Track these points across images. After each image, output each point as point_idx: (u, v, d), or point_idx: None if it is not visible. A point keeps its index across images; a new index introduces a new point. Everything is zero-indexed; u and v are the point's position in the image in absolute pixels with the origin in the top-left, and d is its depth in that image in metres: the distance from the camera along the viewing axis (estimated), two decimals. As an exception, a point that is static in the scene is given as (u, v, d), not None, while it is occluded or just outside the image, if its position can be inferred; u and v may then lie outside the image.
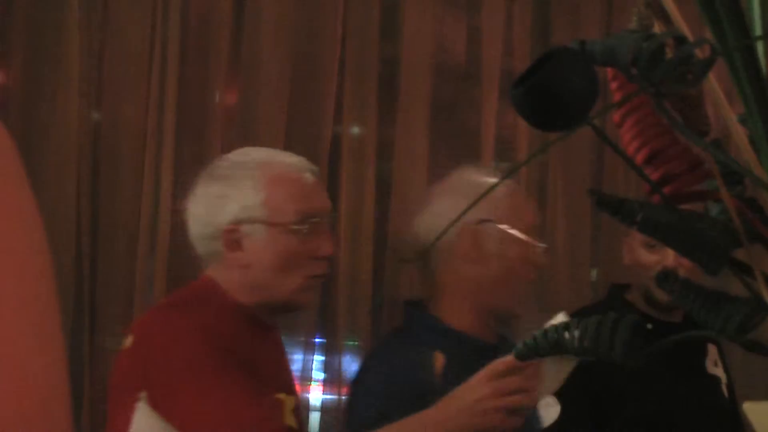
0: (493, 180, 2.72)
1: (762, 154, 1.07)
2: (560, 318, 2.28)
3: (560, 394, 2.71)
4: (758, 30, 1.01)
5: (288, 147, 3.83)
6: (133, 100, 3.71)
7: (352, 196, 3.93)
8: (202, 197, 2.50)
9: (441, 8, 4.15)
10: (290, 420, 2.44)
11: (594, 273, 4.33)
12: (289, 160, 2.54)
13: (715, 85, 1.07)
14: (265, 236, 2.44)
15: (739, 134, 1.08)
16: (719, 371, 3.29)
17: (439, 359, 2.58)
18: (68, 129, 3.62)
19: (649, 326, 3.10)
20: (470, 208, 1.20)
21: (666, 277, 1.16)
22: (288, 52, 3.91)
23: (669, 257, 3.02)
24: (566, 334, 1.18)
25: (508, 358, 2.25)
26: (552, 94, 0.99)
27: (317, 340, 3.95)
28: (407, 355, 2.65)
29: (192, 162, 3.77)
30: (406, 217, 4.00)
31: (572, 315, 2.74)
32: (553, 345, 1.17)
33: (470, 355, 2.56)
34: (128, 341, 2.39)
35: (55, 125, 3.62)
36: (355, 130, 4.02)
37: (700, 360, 3.27)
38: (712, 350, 3.31)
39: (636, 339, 1.15)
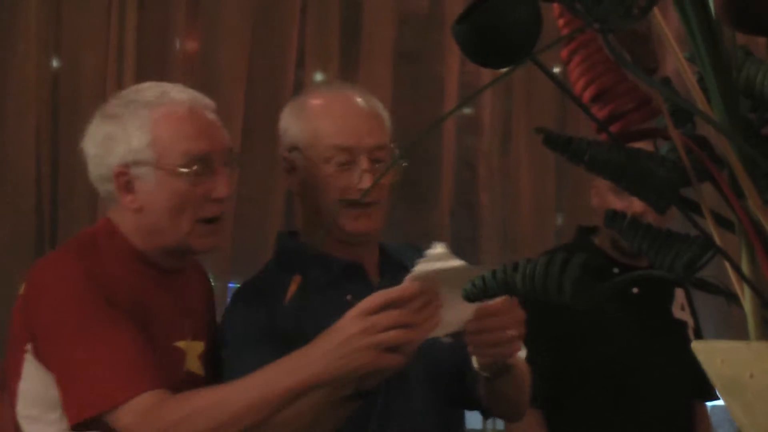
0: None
1: (710, 91, 1.06)
2: (439, 248, 2.18)
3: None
4: (704, -36, 1.00)
5: (249, 94, 3.81)
6: (93, 47, 3.68)
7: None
8: (94, 136, 2.39)
9: (404, -47, 4.12)
10: (194, 366, 2.40)
11: (559, 218, 4.33)
12: (181, 96, 2.40)
13: (662, 21, 1.06)
14: (153, 179, 2.33)
15: (687, 72, 1.06)
16: (686, 315, 3.29)
17: (295, 281, 2.49)
18: (27, 76, 3.59)
19: (616, 270, 3.12)
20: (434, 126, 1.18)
21: (614, 216, 1.15)
22: (249, -2, 3.88)
23: (636, 202, 2.97)
24: (516, 275, 1.16)
25: (386, 292, 2.14)
26: (494, 30, 0.97)
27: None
28: (267, 279, 2.57)
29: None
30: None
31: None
32: (501, 285, 1.16)
33: (336, 275, 2.50)
34: (21, 289, 2.34)
35: (13, 72, 3.58)
36: (318, 76, 3.99)
37: (666, 305, 3.28)
38: (679, 294, 3.32)
39: (586, 279, 1.14)
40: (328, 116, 2.52)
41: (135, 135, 2.33)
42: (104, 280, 2.28)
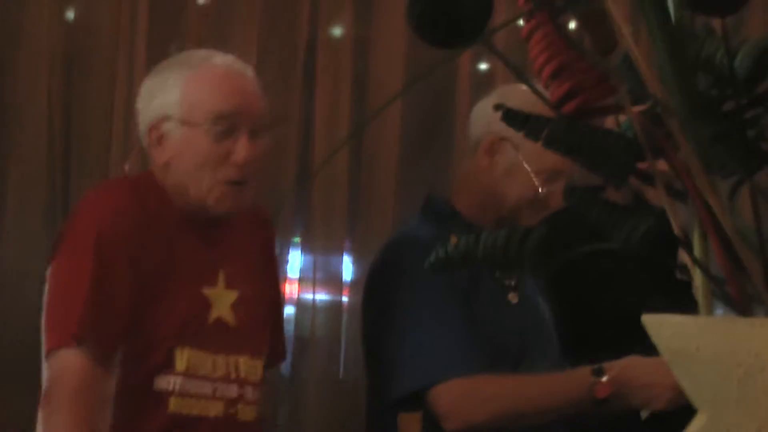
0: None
1: (662, 69, 1.08)
2: None
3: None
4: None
5: (263, 46, 3.81)
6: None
7: (328, 95, 3.90)
8: (142, 92, 2.54)
9: None
10: (225, 314, 2.48)
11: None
12: (222, 60, 2.51)
13: (611, 2, 1.08)
14: (179, 135, 2.43)
15: (636, 52, 1.08)
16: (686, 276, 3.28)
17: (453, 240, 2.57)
18: (39, 30, 3.58)
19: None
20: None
21: (572, 190, 1.17)
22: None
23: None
24: (478, 246, 1.19)
25: None
26: (445, 11, 1.00)
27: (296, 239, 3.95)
28: (421, 234, 2.74)
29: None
30: (382, 118, 3.99)
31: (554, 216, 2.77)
32: (463, 255, 1.19)
33: None
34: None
35: (25, 27, 3.58)
36: (331, 28, 3.98)
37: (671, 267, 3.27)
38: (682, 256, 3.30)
39: (545, 249, 1.17)
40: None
41: (170, 91, 2.45)
42: (139, 221, 2.42)
